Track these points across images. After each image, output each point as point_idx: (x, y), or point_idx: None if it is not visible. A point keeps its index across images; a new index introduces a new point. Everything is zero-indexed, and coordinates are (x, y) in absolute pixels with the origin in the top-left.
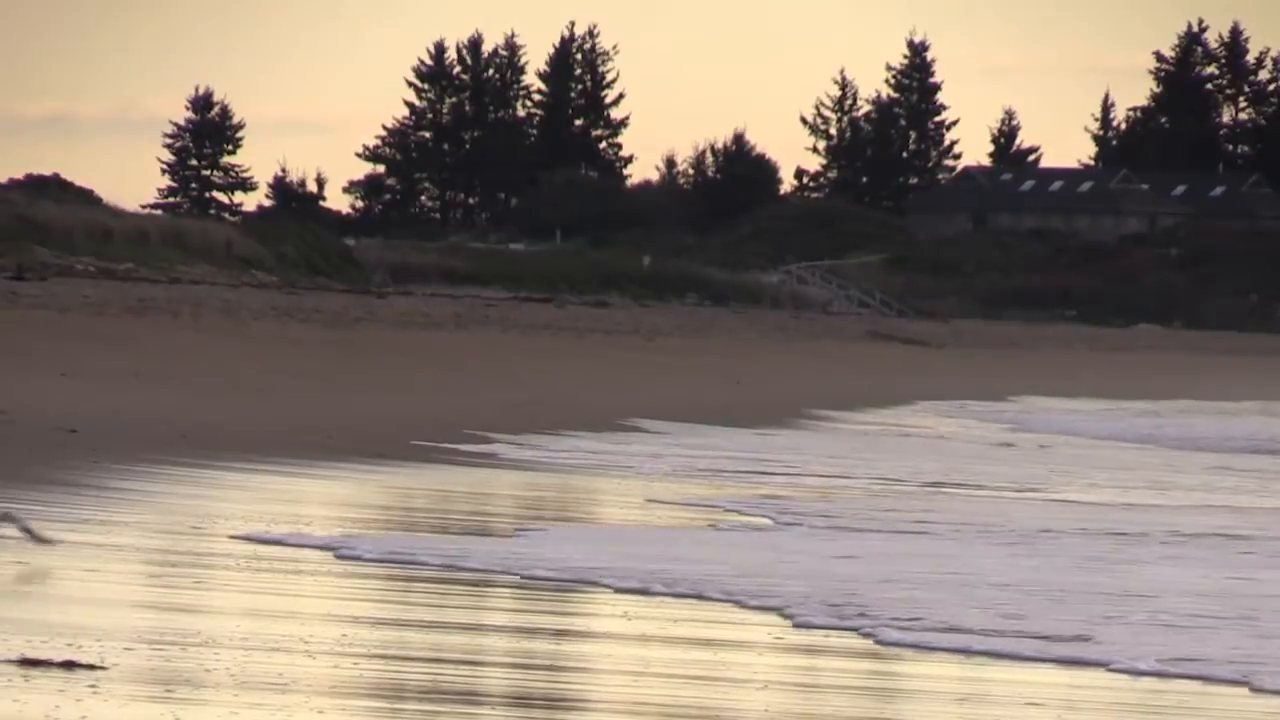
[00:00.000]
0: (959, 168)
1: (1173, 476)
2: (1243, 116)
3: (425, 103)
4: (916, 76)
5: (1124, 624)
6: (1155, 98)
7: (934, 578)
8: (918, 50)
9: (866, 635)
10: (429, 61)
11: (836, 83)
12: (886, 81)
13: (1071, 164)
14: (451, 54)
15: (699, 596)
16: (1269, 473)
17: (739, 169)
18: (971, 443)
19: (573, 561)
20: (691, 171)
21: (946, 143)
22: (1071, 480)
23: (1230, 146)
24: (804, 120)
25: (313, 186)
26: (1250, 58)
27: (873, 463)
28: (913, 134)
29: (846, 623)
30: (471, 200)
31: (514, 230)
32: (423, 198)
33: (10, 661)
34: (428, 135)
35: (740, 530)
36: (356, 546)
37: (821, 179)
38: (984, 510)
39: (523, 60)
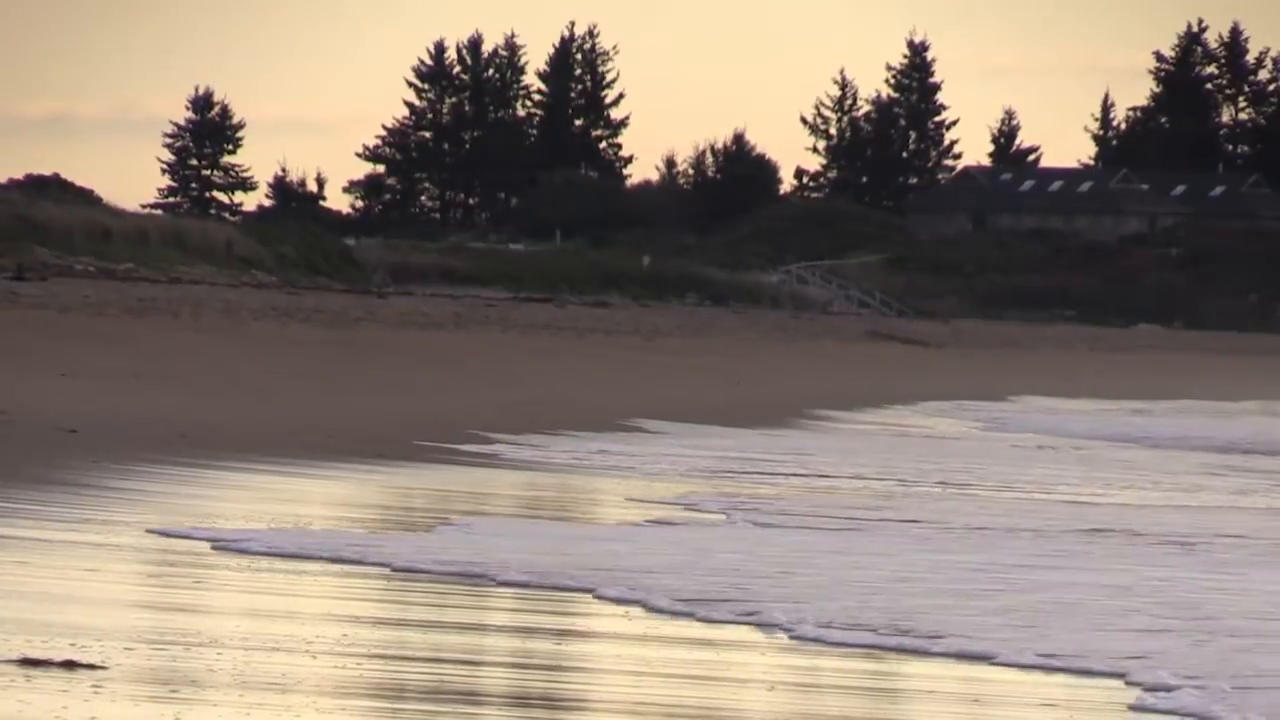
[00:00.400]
0: (959, 168)
1: (1157, 477)
2: (1243, 116)
3: (425, 103)
4: (916, 76)
5: (1030, 619)
6: (1155, 98)
7: (846, 574)
8: (918, 50)
9: (645, 607)
10: (429, 61)
11: (836, 83)
12: (886, 81)
13: (1071, 164)
14: (451, 54)
15: (581, 589)
16: (1255, 473)
17: (739, 169)
18: (966, 441)
19: (464, 555)
20: (691, 171)
21: (946, 143)
22: (1055, 480)
23: (1230, 146)
24: (804, 120)
25: (313, 186)
26: (1250, 58)
27: (868, 463)
28: (913, 134)
29: (715, 614)
30: (471, 200)
31: (514, 230)
32: (423, 198)
33: (11, 661)
34: (428, 135)
35: (686, 526)
36: (246, 540)
37: (821, 179)
38: (950, 509)
39: (523, 60)
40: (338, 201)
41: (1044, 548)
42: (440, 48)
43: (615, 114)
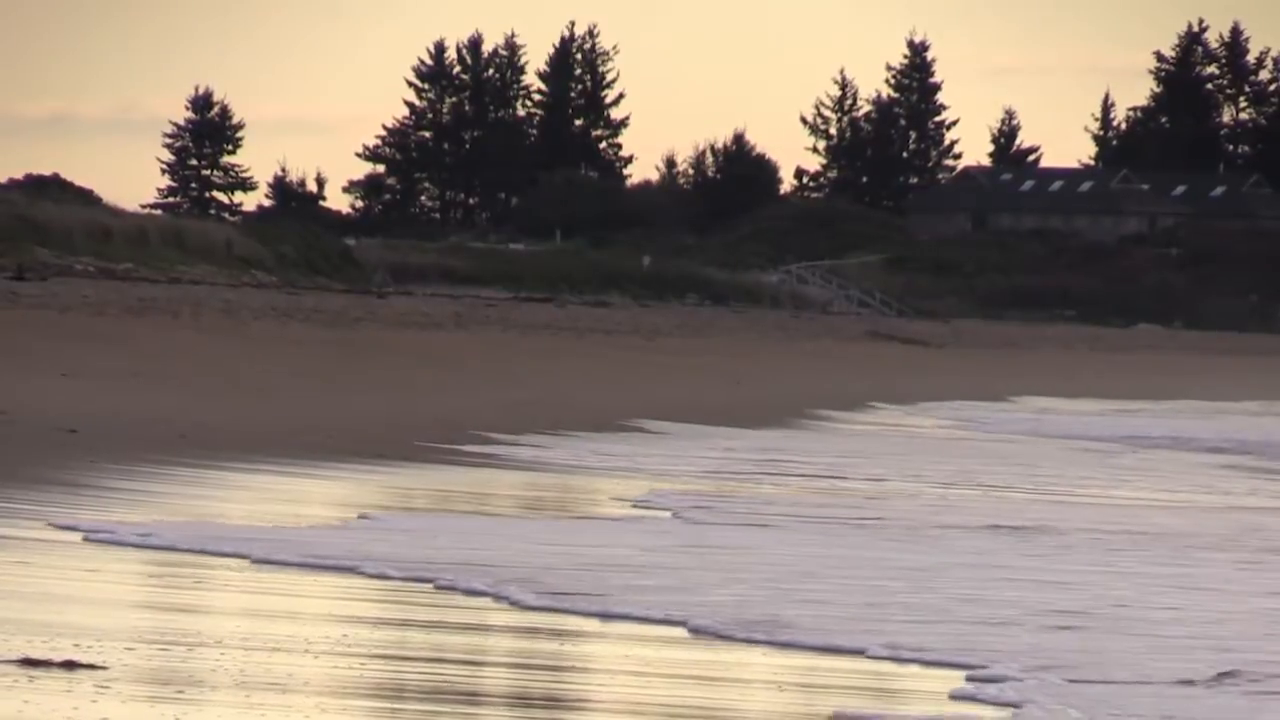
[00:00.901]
0: (959, 168)
1: (1132, 475)
2: (1243, 116)
3: (425, 103)
4: (916, 76)
5: (892, 611)
6: (1155, 98)
7: (742, 567)
8: (918, 50)
9: (507, 600)
10: (429, 61)
11: (836, 83)
12: (886, 81)
13: (1071, 164)
14: (451, 54)
15: (425, 580)
16: (1237, 471)
17: (739, 169)
18: (962, 441)
19: (339, 549)
20: (691, 171)
21: (946, 143)
22: (1026, 478)
23: (1230, 146)
24: (804, 120)
25: (313, 186)
26: (1250, 58)
27: (863, 463)
28: (913, 134)
29: (540, 601)
30: (471, 200)
31: (514, 230)
32: (423, 198)
33: (12, 661)
34: (428, 135)
35: (608, 521)
36: (114, 530)
37: (821, 179)
38: (908, 507)
39: (523, 60)
40: (338, 201)
41: (969, 544)
42: (440, 48)
43: (615, 114)
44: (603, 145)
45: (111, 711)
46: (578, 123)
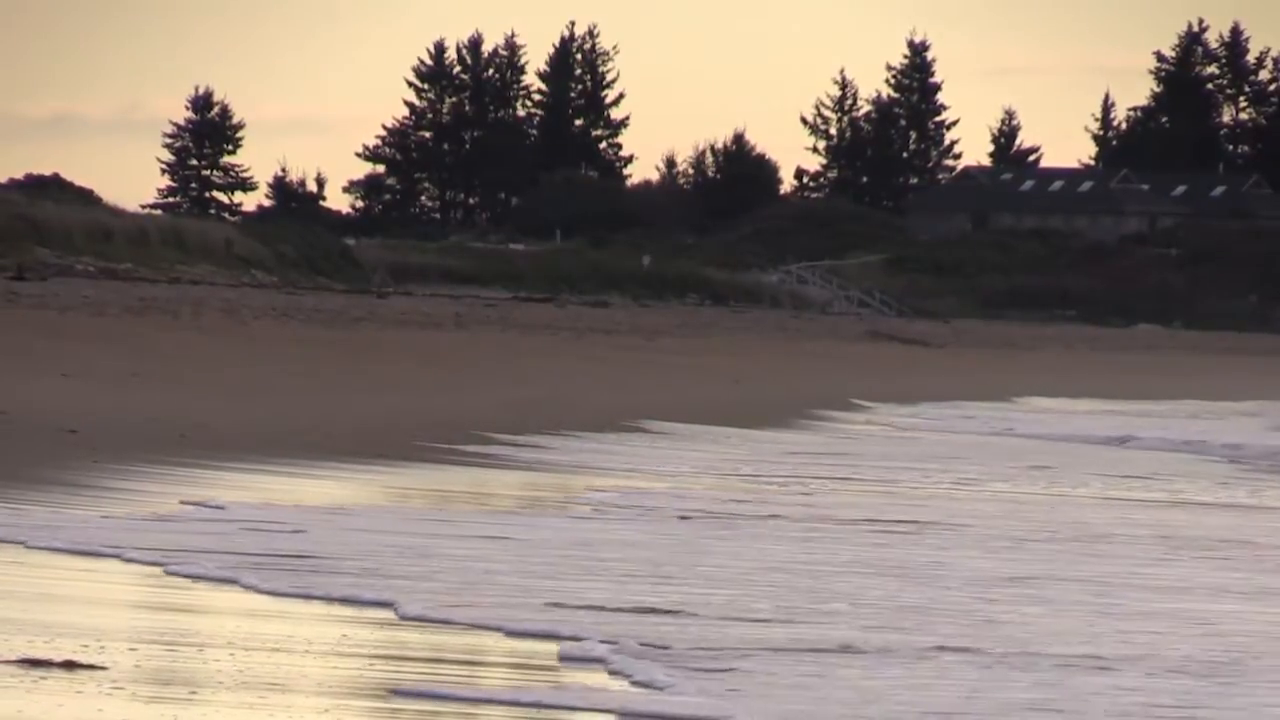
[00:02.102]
0: (959, 168)
1: (1082, 474)
2: (1243, 116)
3: (425, 103)
4: (916, 76)
5: (627, 597)
6: (1155, 98)
7: (561, 558)
8: (918, 50)
9: (244, 586)
10: (429, 61)
11: (836, 83)
12: (886, 81)
13: (1072, 164)
14: (451, 54)
15: (154, 564)
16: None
17: (739, 169)
18: (957, 442)
19: (118, 538)
20: (691, 171)
21: (946, 143)
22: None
23: (1230, 146)
24: (804, 120)
25: (313, 186)
26: (1250, 58)
27: (857, 463)
28: (913, 134)
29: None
30: (471, 200)
31: (514, 230)
32: (423, 198)
33: (11, 662)
34: (428, 135)
35: (507, 515)
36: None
37: (821, 179)
38: (839, 503)
39: (523, 60)
40: (338, 201)
41: (842, 538)
42: (440, 48)
43: (615, 114)
44: (603, 145)
45: (146, 713)
46: (578, 123)
